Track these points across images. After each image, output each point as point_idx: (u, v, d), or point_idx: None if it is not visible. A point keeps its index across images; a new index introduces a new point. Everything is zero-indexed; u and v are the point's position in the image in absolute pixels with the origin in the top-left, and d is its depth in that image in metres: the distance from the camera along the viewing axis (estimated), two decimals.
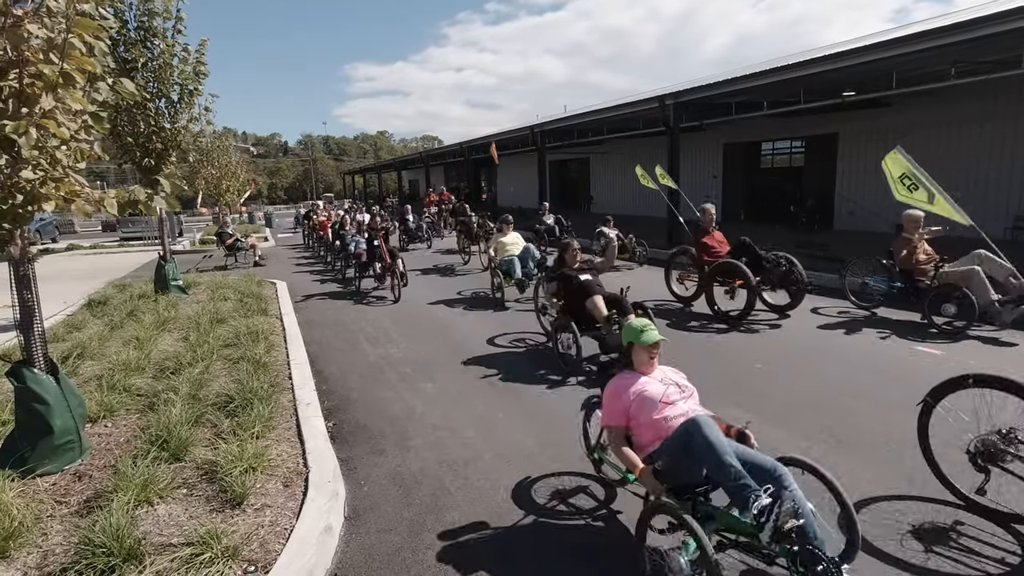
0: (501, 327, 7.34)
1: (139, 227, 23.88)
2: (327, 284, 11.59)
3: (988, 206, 12.56)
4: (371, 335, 7.33)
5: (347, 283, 11.26)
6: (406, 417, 4.67)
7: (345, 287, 10.98)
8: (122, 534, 2.70)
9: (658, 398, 2.80)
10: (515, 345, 6.63)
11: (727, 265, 7.22)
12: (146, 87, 7.69)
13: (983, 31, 7.88)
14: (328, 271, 13.31)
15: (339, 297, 10.07)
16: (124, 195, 3.59)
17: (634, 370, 2.99)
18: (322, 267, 14.17)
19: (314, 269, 13.99)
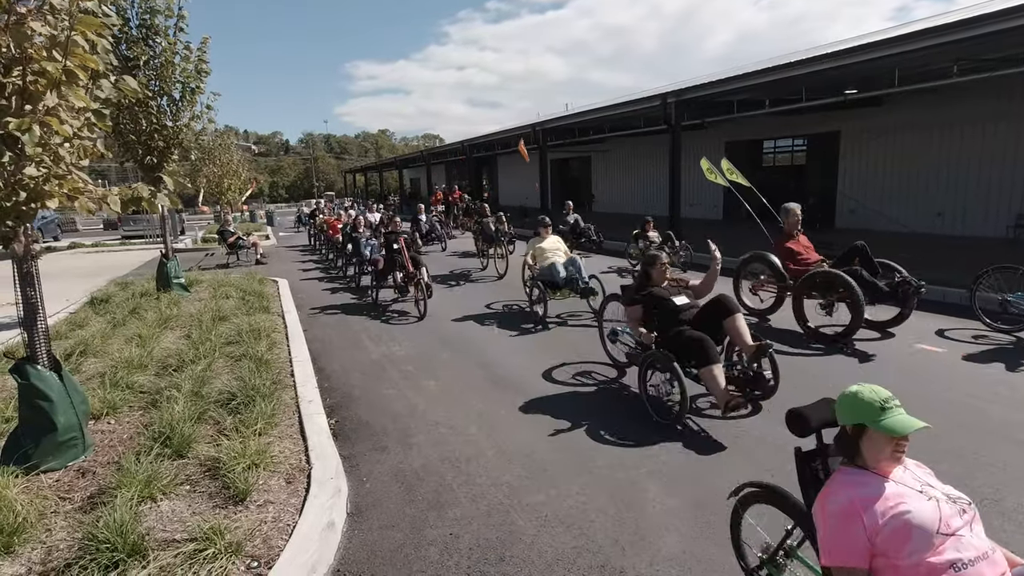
0: (552, 354, 6.02)
1: (141, 225, 23.90)
2: (339, 294, 10.32)
3: (990, 205, 12.56)
4: (398, 359, 6.16)
5: (361, 292, 10.18)
6: (408, 414, 4.68)
7: (360, 297, 9.77)
8: (126, 530, 2.71)
9: (933, 527, 1.62)
10: (580, 382, 5.26)
11: (827, 276, 6.12)
12: (148, 85, 7.71)
13: (985, 29, 7.85)
14: (339, 277, 12.16)
15: (354, 310, 8.75)
16: (127, 192, 3.60)
17: (860, 466, 1.81)
18: (331, 272, 13.06)
19: (323, 275, 12.81)
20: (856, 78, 11.54)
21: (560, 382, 5.27)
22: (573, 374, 5.44)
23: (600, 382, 5.25)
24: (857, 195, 15.52)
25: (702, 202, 19.98)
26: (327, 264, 14.43)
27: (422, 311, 7.93)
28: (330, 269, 13.59)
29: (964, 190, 13.13)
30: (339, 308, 9.02)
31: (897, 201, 14.42)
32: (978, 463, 3.46)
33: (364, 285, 10.24)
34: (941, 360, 5.46)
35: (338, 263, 13.24)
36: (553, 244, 8.03)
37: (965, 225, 12.93)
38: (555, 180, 28.00)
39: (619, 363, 5.55)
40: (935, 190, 13.69)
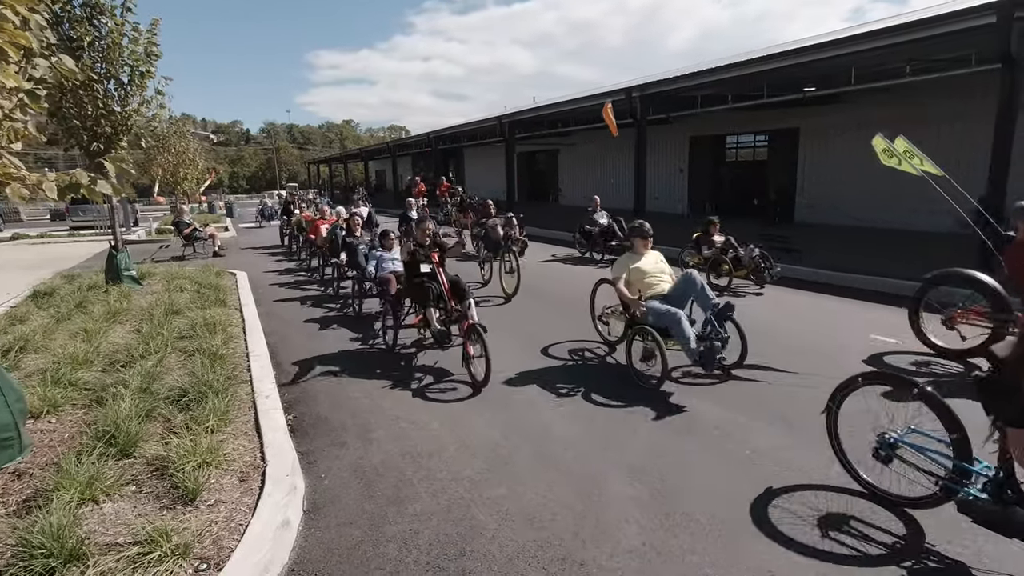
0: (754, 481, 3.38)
1: (90, 216, 22.91)
2: (333, 330, 7.08)
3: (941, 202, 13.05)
4: None
5: (365, 327, 7.11)
6: (369, 409, 4.59)
7: (367, 342, 6.49)
8: (63, 534, 2.57)
9: None
10: None
11: None
12: (93, 67, 7.33)
13: (936, 30, 8.14)
14: (329, 299, 8.95)
15: (365, 370, 5.50)
16: (64, 179, 3.40)
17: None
18: (316, 288, 9.95)
19: (304, 292, 9.53)
20: (815, 76, 11.84)
21: None
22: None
23: None
24: (815, 190, 15.96)
25: (667, 196, 20.25)
26: (309, 274, 11.36)
27: (481, 376, 4.76)
28: (313, 283, 10.42)
29: (917, 187, 13.61)
30: (338, 360, 5.85)
31: (853, 196, 14.88)
32: None
33: (368, 313, 7.61)
34: None
35: (320, 271, 10.75)
36: (656, 265, 5.39)
37: (918, 220, 13.41)
38: (522, 173, 27.99)
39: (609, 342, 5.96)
40: (889, 186, 14.17)
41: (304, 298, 8.76)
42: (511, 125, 19.74)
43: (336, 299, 8.81)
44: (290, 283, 10.53)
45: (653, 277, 5.30)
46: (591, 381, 5.03)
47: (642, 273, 5.30)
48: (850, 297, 7.96)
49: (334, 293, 9.09)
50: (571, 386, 4.92)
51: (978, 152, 10.57)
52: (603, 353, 5.82)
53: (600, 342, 6.04)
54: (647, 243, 5.46)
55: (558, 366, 5.53)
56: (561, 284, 9.74)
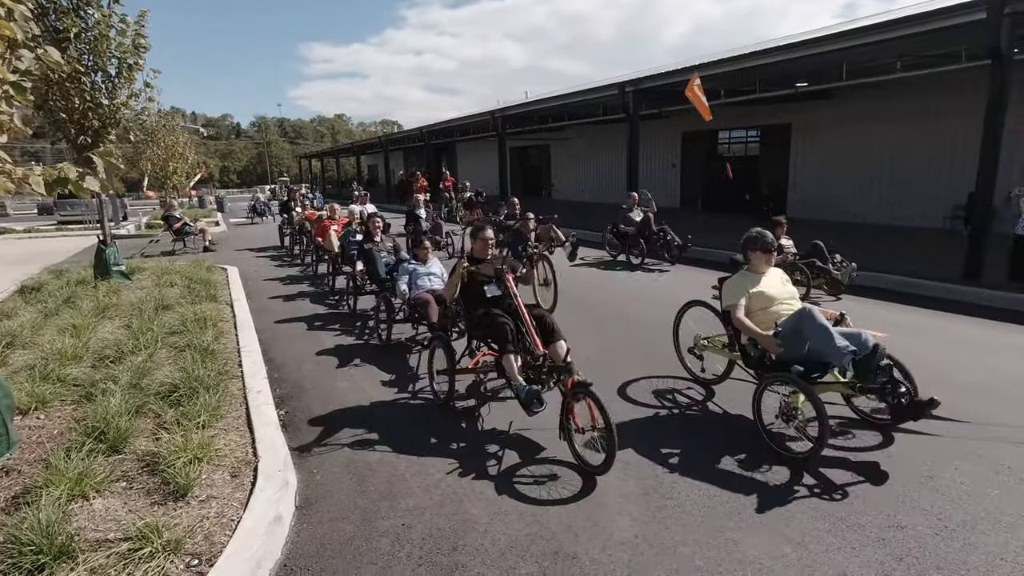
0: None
1: (79, 210, 22.67)
2: (353, 369, 5.39)
3: (929, 196, 13.17)
4: None
5: (393, 360, 5.56)
6: (362, 403, 4.57)
7: (400, 386, 4.91)
8: (52, 531, 2.55)
9: None
10: None
11: None
12: (80, 59, 7.23)
13: (925, 26, 8.17)
14: (344, 319, 7.28)
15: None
16: (52, 173, 3.35)
17: None
18: (323, 301, 8.21)
19: (314, 310, 7.78)
20: (806, 72, 11.87)
21: None
22: None
23: None
24: (806, 186, 16.04)
25: (660, 191, 20.26)
26: (315, 284, 9.56)
27: (598, 461, 3.36)
28: (320, 295, 8.61)
29: (906, 182, 13.74)
30: (333, 357, 5.70)
31: (844, 191, 14.97)
32: None
33: (398, 340, 6.10)
34: None
35: (330, 282, 8.90)
36: (783, 287, 4.11)
37: (907, 215, 13.52)
38: (514, 168, 27.93)
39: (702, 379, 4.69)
40: (879, 181, 14.28)
41: (315, 317, 7.25)
42: (503, 120, 19.68)
43: (354, 319, 7.17)
44: (294, 294, 8.77)
45: (782, 304, 3.96)
46: (710, 446, 3.71)
47: (767, 299, 3.97)
48: (930, 308, 7.01)
49: (349, 311, 7.46)
50: (691, 452, 3.64)
51: (969, 147, 10.67)
52: (701, 396, 4.51)
53: (689, 379, 4.78)
54: (770, 259, 4.12)
55: (648, 417, 4.17)
56: (603, 293, 8.35)
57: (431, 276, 6.05)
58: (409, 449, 3.79)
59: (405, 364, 5.46)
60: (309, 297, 6.17)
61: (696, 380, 4.75)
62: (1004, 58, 7.39)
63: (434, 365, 4.50)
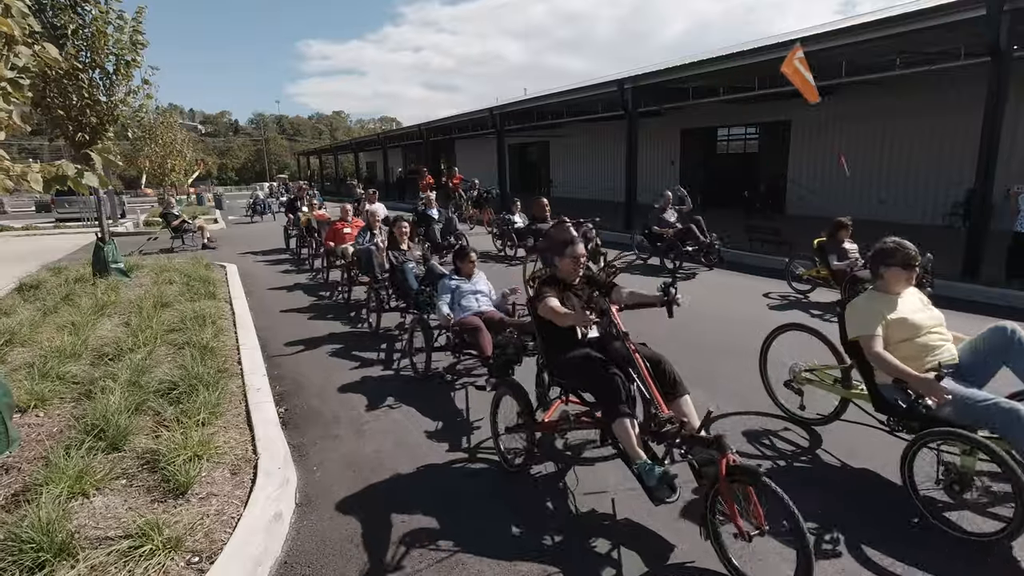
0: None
1: (76, 207, 22.60)
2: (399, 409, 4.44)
3: (928, 193, 13.18)
4: None
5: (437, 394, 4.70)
6: (362, 401, 4.57)
7: (452, 441, 3.88)
8: (53, 528, 2.54)
9: None
10: None
11: None
12: (77, 56, 7.21)
13: (925, 23, 8.16)
14: (364, 337, 6.36)
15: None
16: (50, 170, 3.34)
17: None
18: (341, 319, 7.09)
19: (330, 325, 6.80)
20: None
21: None
22: None
23: None
24: (805, 182, 16.04)
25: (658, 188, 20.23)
26: (329, 295, 8.53)
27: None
28: (335, 310, 7.55)
29: (905, 178, 13.75)
30: (331, 353, 5.75)
31: (844, 188, 14.97)
32: None
33: (436, 371, 5.07)
34: None
35: (345, 292, 7.95)
36: (928, 313, 3.26)
37: (906, 212, 13.53)
38: (513, 165, 27.91)
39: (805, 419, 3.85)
40: (878, 178, 14.28)
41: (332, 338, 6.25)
42: (502, 117, 19.65)
43: (377, 340, 6.17)
44: (304, 307, 7.74)
45: (931, 334, 3.13)
46: (842, 508, 2.95)
47: (910, 328, 3.11)
48: None
49: (371, 329, 6.45)
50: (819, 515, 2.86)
51: (967, 144, 10.67)
52: (805, 442, 3.67)
53: (783, 418, 3.95)
54: (911, 276, 3.23)
55: None
56: None
57: (478, 295, 5.00)
58: (409, 445, 3.79)
59: (449, 403, 4.48)
60: (322, 311, 5.69)
61: (793, 420, 3.91)
62: (1004, 55, 7.38)
63: (499, 419, 3.50)
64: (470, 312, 4.86)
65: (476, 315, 4.79)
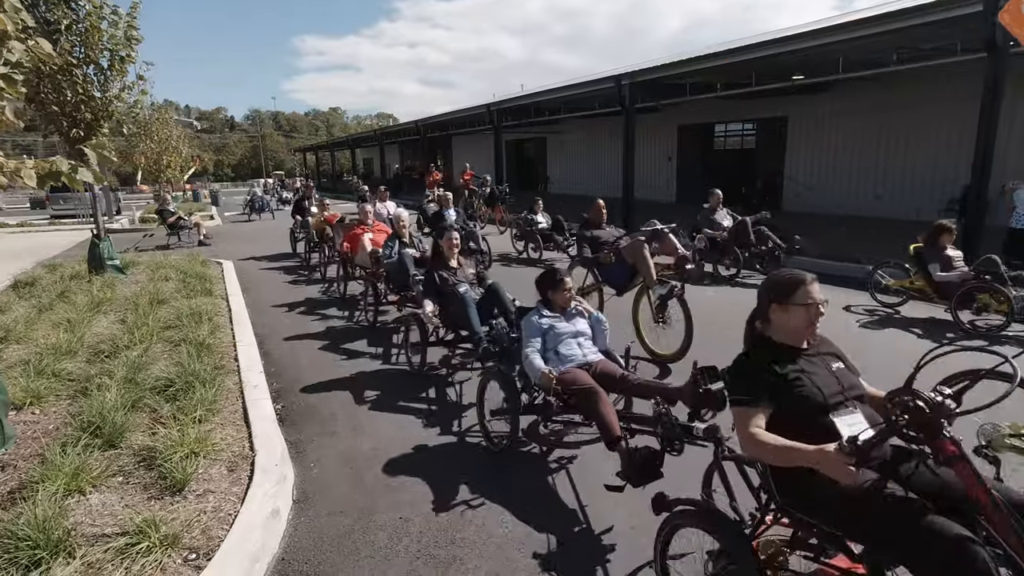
0: None
1: (71, 204, 22.47)
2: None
3: (925, 189, 13.20)
4: None
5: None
6: (359, 397, 4.57)
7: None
8: (49, 525, 2.54)
9: None
10: None
11: None
12: (71, 51, 7.16)
13: (922, 19, 8.15)
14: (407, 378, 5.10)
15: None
16: (44, 166, 3.32)
17: None
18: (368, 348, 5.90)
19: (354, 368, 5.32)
20: (803, 64, 11.84)
21: None
22: None
23: None
24: (803, 179, 16.05)
25: (655, 184, 20.26)
26: (345, 310, 7.34)
27: None
28: (358, 334, 6.27)
29: (901, 175, 13.77)
30: (328, 349, 5.70)
31: (840, 184, 14.99)
32: None
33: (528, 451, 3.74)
34: None
35: (370, 311, 6.55)
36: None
37: (902, 208, 13.55)
38: (510, 161, 27.86)
39: None
40: (875, 174, 14.30)
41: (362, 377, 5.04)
42: (499, 113, 19.59)
43: (421, 383, 4.89)
44: (320, 332, 6.43)
45: None
46: None
47: None
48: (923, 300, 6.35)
49: (414, 369, 5.05)
50: None
51: (964, 141, 10.69)
52: None
53: None
54: None
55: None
56: (705, 324, 5.14)
57: (580, 339, 3.55)
58: (407, 442, 3.79)
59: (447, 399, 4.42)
60: (343, 336, 5.48)
61: None
62: (1000, 51, 7.39)
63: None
64: (574, 363, 3.41)
65: (583, 367, 3.40)
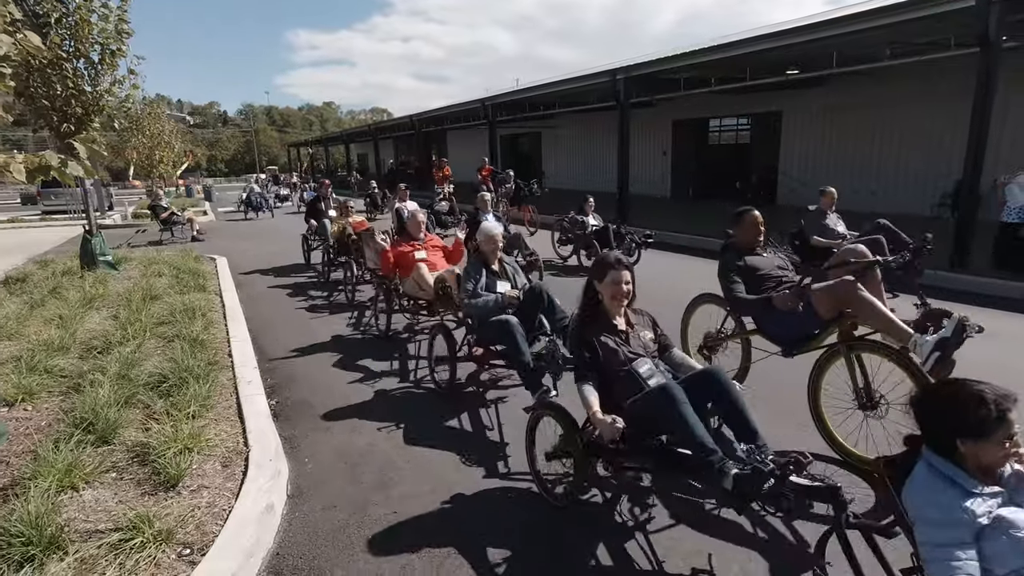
0: None
1: (63, 199, 22.29)
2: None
3: (918, 184, 13.26)
4: None
5: None
6: (354, 393, 4.56)
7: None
8: (42, 522, 2.53)
9: None
10: None
11: None
12: (61, 45, 7.09)
13: (914, 13, 8.17)
14: (359, 332, 5.97)
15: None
16: (34, 160, 3.29)
17: None
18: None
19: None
20: (797, 59, 11.85)
21: None
22: None
23: None
24: (797, 173, 16.09)
25: (650, 179, 20.27)
26: (396, 360, 5.33)
27: None
28: (429, 405, 4.38)
29: (895, 169, 13.83)
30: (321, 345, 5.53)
31: (835, 179, 15.01)
32: None
33: None
34: None
35: (442, 378, 4.52)
36: None
37: (895, 202, 13.60)
38: (505, 156, 27.78)
39: None
40: (869, 169, 14.35)
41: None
42: (494, 108, 19.54)
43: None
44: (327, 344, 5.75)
45: None
46: None
47: None
48: None
49: (442, 388, 4.46)
50: None
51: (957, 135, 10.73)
52: None
53: None
54: None
55: None
56: None
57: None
58: (401, 437, 3.79)
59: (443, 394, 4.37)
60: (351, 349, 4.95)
61: None
62: (992, 46, 7.41)
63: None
64: None
65: None
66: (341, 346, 5.74)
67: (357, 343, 5.83)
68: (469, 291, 4.16)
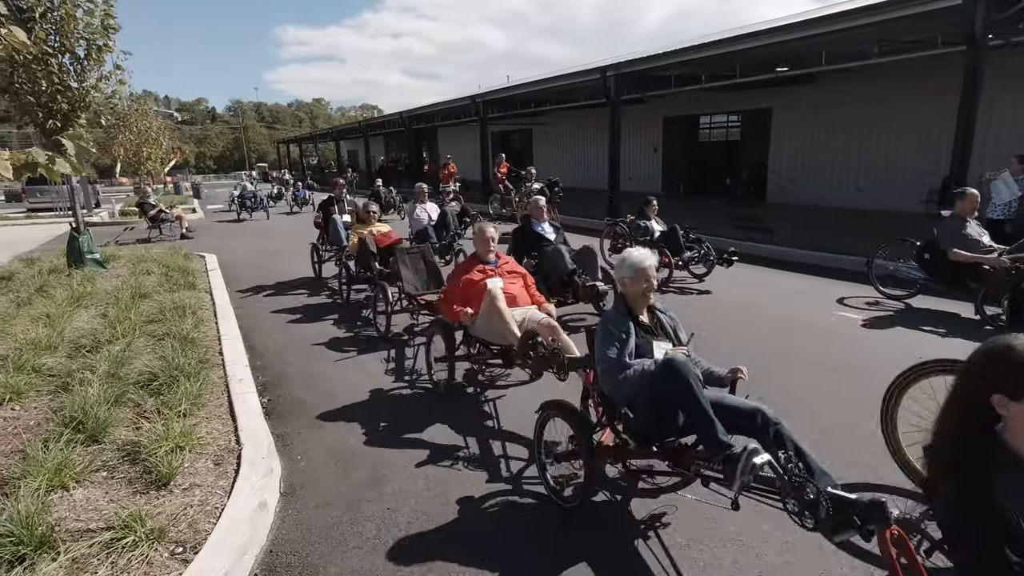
0: None
1: (49, 197, 22.03)
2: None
3: (905, 180, 13.39)
4: None
5: None
6: (347, 391, 4.56)
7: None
8: (32, 521, 2.51)
9: None
10: None
11: None
12: (47, 40, 6.99)
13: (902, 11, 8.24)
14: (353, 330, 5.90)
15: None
16: (20, 157, 3.25)
17: None
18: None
19: None
20: (787, 56, 11.92)
21: None
22: None
23: None
24: (786, 170, 16.20)
25: (640, 176, 20.32)
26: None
27: None
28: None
29: (884, 166, 13.95)
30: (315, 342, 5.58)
31: (823, 176, 15.15)
32: None
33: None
34: None
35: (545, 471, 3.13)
36: None
37: (883, 199, 13.73)
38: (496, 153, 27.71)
39: None
40: (858, 166, 14.48)
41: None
42: (485, 105, 19.51)
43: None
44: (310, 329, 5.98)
45: None
46: None
47: None
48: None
49: (441, 388, 4.33)
50: None
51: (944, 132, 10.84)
52: None
53: None
54: None
55: None
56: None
57: None
58: (395, 435, 3.79)
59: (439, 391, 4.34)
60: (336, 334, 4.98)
61: None
62: (979, 43, 7.50)
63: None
64: None
65: None
66: (335, 345, 5.72)
67: (352, 341, 5.81)
68: (613, 360, 2.72)
